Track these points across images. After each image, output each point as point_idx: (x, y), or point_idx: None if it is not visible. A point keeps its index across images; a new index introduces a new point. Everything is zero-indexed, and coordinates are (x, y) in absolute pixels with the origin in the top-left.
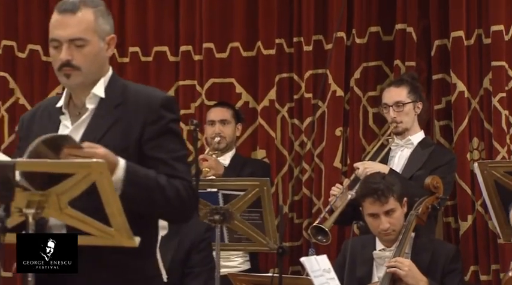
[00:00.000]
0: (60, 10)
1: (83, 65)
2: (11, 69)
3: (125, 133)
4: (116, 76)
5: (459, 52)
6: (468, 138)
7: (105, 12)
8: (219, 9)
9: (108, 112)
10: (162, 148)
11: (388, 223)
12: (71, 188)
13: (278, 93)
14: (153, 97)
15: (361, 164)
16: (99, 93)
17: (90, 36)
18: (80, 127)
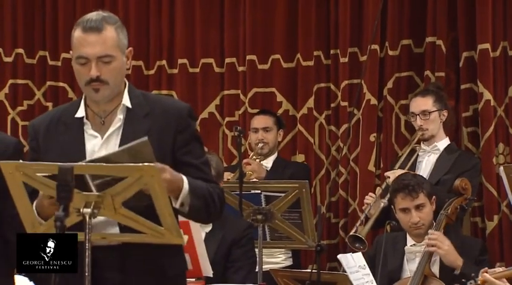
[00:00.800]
0: (86, 29)
1: (110, 79)
2: (70, 80)
3: (160, 142)
4: (131, 86)
5: (486, 63)
6: (494, 143)
7: (122, 27)
8: (261, 24)
9: (138, 121)
10: (192, 153)
11: (418, 217)
12: (125, 190)
13: (316, 101)
14: (180, 107)
15: (391, 173)
16: (127, 103)
17: (115, 52)
18: (112, 137)
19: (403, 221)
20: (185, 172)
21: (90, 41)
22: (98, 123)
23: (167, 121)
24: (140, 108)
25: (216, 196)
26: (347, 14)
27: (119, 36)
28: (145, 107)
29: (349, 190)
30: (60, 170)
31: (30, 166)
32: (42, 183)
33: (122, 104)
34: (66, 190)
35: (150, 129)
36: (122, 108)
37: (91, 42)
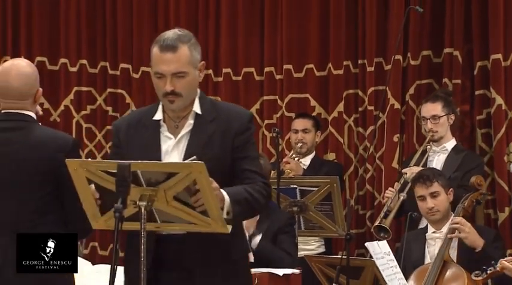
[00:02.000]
0: (162, 48)
1: (183, 92)
2: (127, 87)
3: (221, 143)
4: (203, 94)
5: (498, 72)
6: (505, 143)
7: (195, 44)
8: (297, 37)
9: (205, 125)
10: (247, 151)
11: (432, 204)
12: (176, 184)
13: (345, 106)
14: (242, 113)
15: (408, 170)
16: (198, 110)
17: (187, 68)
18: (182, 139)
19: (421, 208)
20: (239, 165)
21: (165, 59)
22: (172, 126)
23: (229, 125)
24: (208, 114)
25: (258, 193)
26: (373, 28)
27: (191, 54)
28: (213, 113)
29: (375, 185)
30: (119, 167)
31: (93, 163)
32: (103, 179)
33: (193, 111)
34: (124, 184)
35: (215, 132)
36: (193, 114)
37: (166, 60)
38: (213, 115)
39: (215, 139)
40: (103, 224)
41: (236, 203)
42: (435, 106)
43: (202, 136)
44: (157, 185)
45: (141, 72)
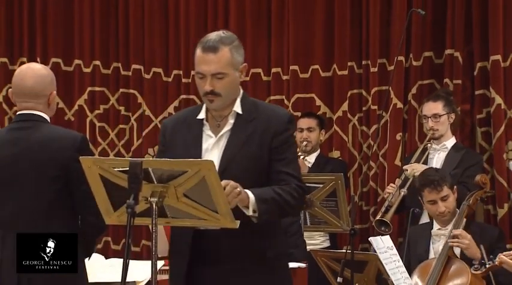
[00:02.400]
0: (204, 49)
1: (222, 92)
2: (139, 87)
3: (260, 143)
4: (245, 94)
5: (497, 72)
6: (504, 141)
7: (238, 46)
8: (303, 39)
9: (245, 125)
10: (284, 153)
11: (444, 207)
12: (185, 181)
13: (350, 105)
14: (281, 114)
15: (409, 167)
16: (238, 110)
17: (227, 70)
18: (222, 138)
19: (431, 211)
20: (275, 166)
21: (206, 59)
22: (214, 125)
23: (268, 126)
24: (248, 114)
25: (288, 194)
26: (376, 30)
27: (232, 56)
28: (253, 113)
29: (379, 182)
30: (131, 164)
31: (106, 161)
32: (116, 175)
33: (234, 110)
34: (135, 181)
35: (254, 131)
36: (233, 114)
37: (207, 61)
38: (253, 115)
39: (254, 138)
40: (116, 219)
41: (262, 201)
42: (436, 105)
43: (241, 136)
44: (168, 182)
45: (152, 72)
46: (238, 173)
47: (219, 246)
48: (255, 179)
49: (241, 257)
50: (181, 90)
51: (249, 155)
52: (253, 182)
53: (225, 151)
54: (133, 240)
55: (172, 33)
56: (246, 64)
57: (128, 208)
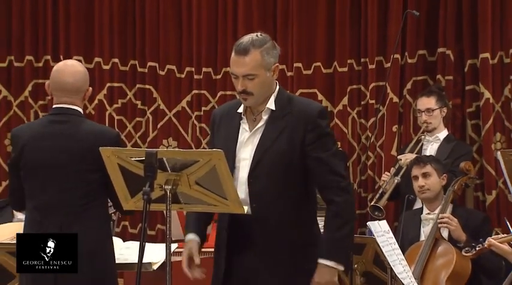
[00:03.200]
0: (236, 52)
1: (254, 91)
2: (154, 83)
3: (291, 138)
4: (282, 90)
5: (486, 69)
6: (493, 133)
7: (269, 47)
8: (306, 38)
9: (278, 120)
10: (321, 148)
11: (423, 183)
12: (197, 170)
13: (349, 99)
14: (311, 109)
15: (402, 156)
16: (271, 106)
17: (258, 71)
18: (257, 132)
19: (414, 186)
20: (314, 165)
21: (238, 62)
22: (251, 120)
23: (299, 120)
24: (281, 110)
25: (345, 211)
26: (374, 30)
27: (263, 58)
28: (286, 108)
29: (376, 171)
30: (147, 154)
31: (124, 151)
32: (133, 165)
33: (267, 107)
34: (151, 170)
35: (286, 127)
36: (267, 110)
37: (238, 63)
38: (286, 110)
39: (285, 134)
40: (133, 205)
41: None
42: (429, 100)
43: (273, 131)
44: (181, 170)
45: (166, 69)
46: (270, 167)
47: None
48: (284, 173)
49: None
50: (193, 85)
51: (279, 150)
52: (283, 176)
53: (258, 146)
54: (149, 225)
55: (185, 33)
56: (277, 64)
57: (144, 195)
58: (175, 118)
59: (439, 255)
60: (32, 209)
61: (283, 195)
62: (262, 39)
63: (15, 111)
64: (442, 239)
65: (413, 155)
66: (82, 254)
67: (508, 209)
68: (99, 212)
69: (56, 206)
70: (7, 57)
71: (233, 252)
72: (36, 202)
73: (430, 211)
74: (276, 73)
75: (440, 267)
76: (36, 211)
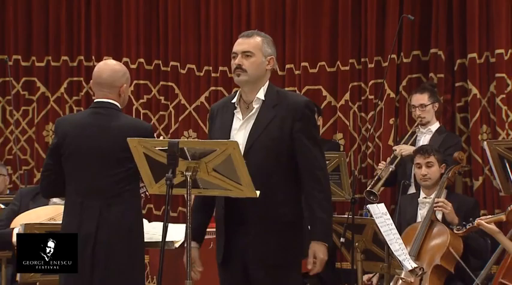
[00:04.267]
0: (240, 36)
1: (248, 69)
2: (176, 80)
3: (281, 127)
4: (271, 84)
5: (473, 68)
6: (479, 125)
7: (270, 41)
8: (312, 40)
9: (268, 110)
10: (306, 136)
11: (426, 172)
12: (214, 158)
13: (351, 95)
14: (299, 101)
15: (397, 147)
16: (261, 96)
17: (255, 51)
18: (249, 120)
19: (416, 174)
20: (300, 149)
21: (239, 42)
22: (244, 109)
23: (289, 111)
24: (271, 101)
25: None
26: (373, 33)
27: (262, 43)
28: (275, 100)
29: (375, 159)
30: (169, 144)
31: (149, 141)
32: (157, 153)
33: (257, 97)
34: (173, 158)
35: (275, 116)
36: (257, 100)
37: (240, 43)
38: (275, 102)
39: (275, 122)
40: (157, 189)
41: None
42: (423, 97)
43: (264, 119)
44: (200, 158)
45: (187, 68)
46: (261, 152)
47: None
48: (275, 157)
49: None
50: (211, 83)
51: (270, 136)
52: (274, 159)
53: (251, 132)
54: (172, 207)
55: (203, 35)
56: (273, 57)
57: (167, 181)
58: (194, 112)
59: (434, 236)
60: (72, 192)
61: (273, 177)
62: (267, 35)
63: (52, 106)
64: (437, 221)
65: (407, 146)
66: (119, 232)
67: (493, 193)
68: (133, 195)
69: (96, 190)
70: (45, 57)
71: (230, 227)
72: (78, 185)
73: (426, 195)
74: (270, 64)
75: (436, 246)
76: (76, 194)
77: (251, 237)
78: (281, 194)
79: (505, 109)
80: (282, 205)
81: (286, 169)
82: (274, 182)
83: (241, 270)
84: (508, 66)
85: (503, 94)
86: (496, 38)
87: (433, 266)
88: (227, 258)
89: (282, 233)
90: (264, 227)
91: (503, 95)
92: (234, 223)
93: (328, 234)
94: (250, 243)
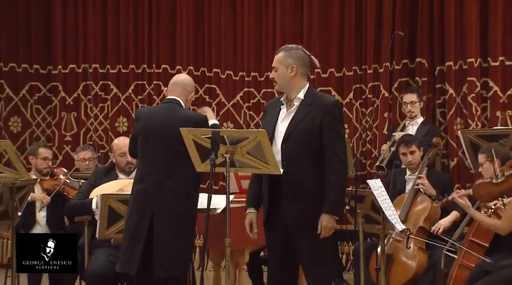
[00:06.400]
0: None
1: (276, 79)
2: (218, 83)
3: (312, 121)
4: (311, 87)
5: (450, 73)
6: (454, 118)
7: (293, 53)
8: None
9: (305, 107)
10: (332, 130)
11: (411, 158)
12: (247, 144)
13: (354, 95)
14: (329, 100)
15: (397, 134)
16: (301, 96)
17: (278, 65)
18: (290, 114)
19: (403, 161)
20: (327, 141)
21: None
22: (287, 105)
23: (320, 108)
24: (308, 100)
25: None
26: (371, 45)
27: (283, 57)
28: (311, 99)
29: (372, 144)
30: (212, 133)
31: (197, 131)
32: (203, 140)
33: (297, 97)
34: (216, 144)
35: (310, 112)
36: (297, 99)
37: (274, 60)
38: (311, 101)
39: (309, 117)
40: (203, 168)
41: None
42: (412, 96)
43: (301, 114)
44: (236, 144)
45: (226, 74)
46: (296, 139)
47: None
48: (306, 144)
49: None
50: (244, 85)
51: (304, 128)
52: (305, 146)
53: (290, 123)
54: (214, 182)
55: (238, 48)
56: (294, 65)
57: (211, 161)
58: (232, 108)
59: (418, 204)
60: (139, 166)
61: (305, 159)
62: (291, 47)
63: (122, 103)
64: (420, 193)
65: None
66: (178, 200)
67: (465, 171)
68: (188, 171)
69: (157, 165)
70: (117, 65)
71: (272, 199)
72: (144, 161)
73: (411, 173)
74: (293, 71)
75: (419, 211)
76: (143, 168)
77: (288, 205)
78: (309, 173)
79: (475, 106)
80: (310, 181)
81: (314, 154)
82: (304, 163)
83: (283, 231)
84: (477, 71)
85: (473, 93)
86: (467, 49)
87: (417, 227)
88: (271, 221)
89: (310, 202)
90: (296, 197)
91: (473, 94)
92: (275, 194)
93: (335, 208)
94: (288, 209)
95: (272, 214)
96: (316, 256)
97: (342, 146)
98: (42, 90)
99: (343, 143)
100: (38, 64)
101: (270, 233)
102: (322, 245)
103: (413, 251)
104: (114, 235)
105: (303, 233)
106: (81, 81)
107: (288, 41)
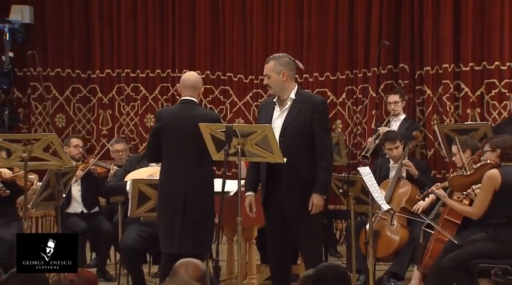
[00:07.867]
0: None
1: (271, 85)
2: (231, 85)
3: (304, 117)
4: (299, 88)
5: (428, 77)
6: (432, 114)
7: (282, 60)
8: (321, 58)
9: (297, 105)
10: (320, 125)
11: (396, 152)
12: (256, 137)
13: (346, 95)
14: (317, 99)
15: (381, 128)
16: (293, 96)
17: (270, 73)
18: (284, 112)
19: (389, 155)
20: (315, 132)
21: (265, 67)
22: (280, 105)
23: (310, 106)
24: (299, 99)
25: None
26: (361, 53)
27: (274, 65)
28: (302, 98)
29: (362, 137)
30: (226, 127)
31: (213, 125)
32: (218, 133)
33: (289, 97)
34: (229, 136)
35: (301, 109)
36: (290, 99)
37: (264, 68)
38: (302, 100)
39: (301, 114)
40: (218, 157)
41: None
42: (395, 96)
43: (294, 111)
44: (247, 137)
45: (237, 77)
46: (291, 132)
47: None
48: (300, 137)
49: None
50: (253, 87)
51: (298, 122)
52: (299, 138)
53: (285, 119)
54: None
55: (248, 55)
56: (285, 71)
57: (225, 151)
58: (243, 106)
59: (401, 187)
60: (166, 159)
61: (298, 149)
62: (279, 56)
63: (150, 102)
64: (403, 178)
65: (387, 129)
66: (202, 189)
67: (441, 160)
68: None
69: (183, 159)
70: (145, 70)
71: (269, 184)
72: (171, 155)
73: (394, 162)
74: (285, 76)
75: (402, 194)
76: (169, 161)
77: (283, 189)
78: (303, 161)
79: (449, 104)
80: (303, 168)
81: (307, 145)
82: (298, 153)
83: (279, 212)
84: (451, 75)
85: (448, 94)
86: (442, 56)
87: (400, 207)
88: (268, 203)
89: (303, 187)
90: (291, 182)
91: (447, 95)
92: (272, 179)
93: (324, 189)
94: (283, 193)
95: (269, 197)
96: (310, 235)
97: (329, 139)
98: (83, 91)
99: (330, 136)
100: (79, 70)
101: (268, 214)
102: (315, 224)
103: (396, 227)
104: (143, 214)
105: (298, 213)
106: (115, 83)
107: (290, 48)
